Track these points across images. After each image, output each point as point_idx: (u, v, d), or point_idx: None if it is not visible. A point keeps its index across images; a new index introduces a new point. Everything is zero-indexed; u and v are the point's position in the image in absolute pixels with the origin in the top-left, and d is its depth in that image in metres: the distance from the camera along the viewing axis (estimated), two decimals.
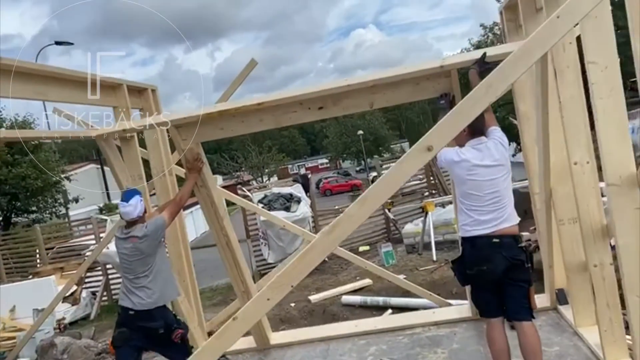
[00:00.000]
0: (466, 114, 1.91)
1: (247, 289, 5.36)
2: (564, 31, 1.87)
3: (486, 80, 1.90)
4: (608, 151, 2.99)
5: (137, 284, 3.95)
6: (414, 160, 1.96)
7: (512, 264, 3.34)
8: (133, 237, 3.93)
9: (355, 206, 2.00)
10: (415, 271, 7.77)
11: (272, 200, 9.94)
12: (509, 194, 3.46)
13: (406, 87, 3.94)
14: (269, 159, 46.06)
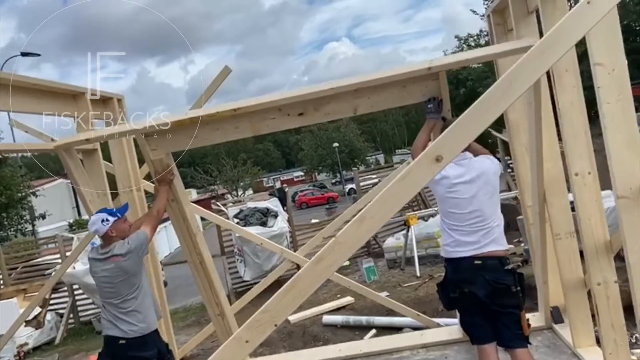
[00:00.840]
0: (481, 117, 1.61)
1: (222, 311, 4.98)
2: (596, 19, 1.60)
3: (507, 77, 1.61)
4: (617, 161, 2.75)
5: (125, 308, 3.58)
6: (421, 173, 1.65)
7: (495, 289, 3.13)
8: (114, 256, 3.56)
9: (350, 229, 1.67)
10: (399, 288, 7.45)
11: (248, 215, 9.54)
12: (495, 214, 3.27)
13: (392, 90, 3.73)
14: (244, 172, 45.37)
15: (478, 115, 1.62)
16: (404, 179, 1.67)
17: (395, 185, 1.66)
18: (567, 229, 4.00)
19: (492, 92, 1.62)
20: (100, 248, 3.68)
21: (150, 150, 3.93)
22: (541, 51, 1.58)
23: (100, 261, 3.62)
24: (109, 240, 3.63)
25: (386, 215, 1.69)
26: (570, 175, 3.43)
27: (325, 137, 56.62)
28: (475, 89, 21.74)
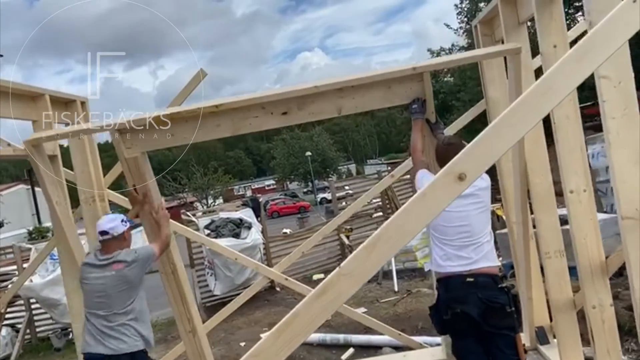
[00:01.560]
0: (513, 127, 1.39)
1: (194, 328, 4.64)
2: None
3: (543, 83, 1.39)
4: (622, 179, 2.59)
5: (114, 322, 3.33)
6: (442, 193, 1.41)
7: (489, 307, 3.03)
8: (118, 262, 3.38)
9: (357, 257, 1.42)
10: (377, 303, 7.24)
11: (220, 225, 9.17)
12: (485, 230, 3.24)
13: (377, 91, 3.66)
14: (215, 180, 44.56)
15: (508, 127, 1.40)
16: (423, 198, 1.43)
17: (413, 206, 1.42)
18: (557, 248, 3.86)
19: (524, 101, 1.40)
20: (100, 254, 3.47)
21: (125, 149, 3.70)
22: (583, 53, 1.37)
23: (97, 267, 3.41)
24: (114, 246, 3.47)
25: (402, 240, 1.44)
26: (565, 192, 3.27)
27: (298, 146, 56.44)
28: (447, 102, 21.94)
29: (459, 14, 20.10)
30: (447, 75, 23.95)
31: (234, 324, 8.14)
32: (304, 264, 10.25)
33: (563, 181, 3.26)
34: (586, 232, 3.23)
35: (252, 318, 8.27)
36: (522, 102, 1.39)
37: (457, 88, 20.85)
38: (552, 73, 1.39)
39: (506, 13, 3.84)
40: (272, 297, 9.12)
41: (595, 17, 2.48)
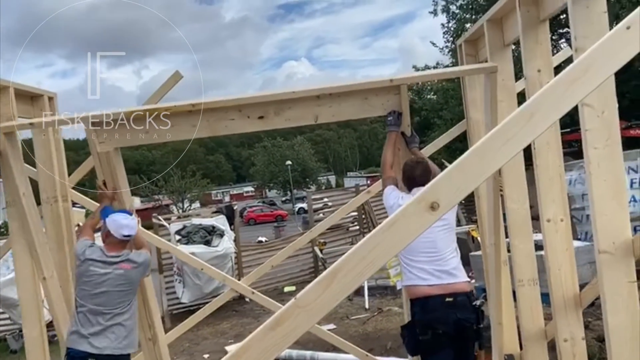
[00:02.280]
0: (492, 155, 1.27)
1: (154, 336, 4.42)
2: (634, 50, 1.30)
3: (526, 108, 1.28)
4: (600, 212, 2.50)
5: (111, 320, 3.35)
6: (412, 223, 1.29)
7: (464, 327, 3.18)
8: (128, 261, 3.45)
9: (315, 289, 1.28)
10: (346, 320, 7.09)
11: (191, 232, 8.93)
12: (449, 247, 3.35)
13: (354, 101, 3.66)
14: (192, 184, 43.91)
15: (486, 155, 1.28)
16: (390, 228, 1.30)
17: (378, 236, 1.29)
18: (531, 276, 3.78)
19: (505, 128, 1.28)
20: (107, 251, 3.49)
21: (98, 143, 3.65)
22: (572, 79, 1.26)
23: (104, 263, 3.41)
24: (124, 246, 3.52)
25: (365, 273, 1.31)
26: (541, 220, 3.19)
27: (279, 154, 56.24)
28: (429, 119, 22.08)
29: (445, 33, 20.26)
30: (431, 93, 24.14)
31: (200, 334, 7.90)
32: (275, 275, 10.06)
33: (540, 209, 3.18)
34: (561, 263, 3.16)
35: (218, 329, 8.04)
36: (503, 129, 1.28)
37: (439, 106, 20.98)
38: (536, 99, 1.28)
39: (492, 34, 3.79)
40: (240, 308, 8.90)
41: (581, 43, 2.40)
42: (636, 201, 7.42)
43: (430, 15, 20.42)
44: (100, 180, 3.79)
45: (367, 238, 1.33)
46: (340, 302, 5.27)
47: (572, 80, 1.26)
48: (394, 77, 3.49)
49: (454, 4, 19.77)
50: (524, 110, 1.27)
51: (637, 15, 1.30)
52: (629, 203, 7.32)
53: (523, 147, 1.31)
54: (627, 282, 2.51)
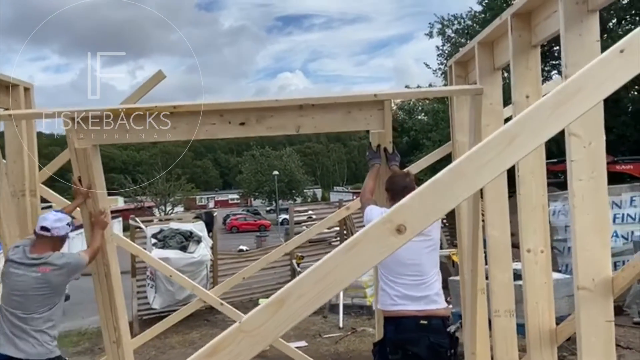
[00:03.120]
0: (468, 178, 1.16)
1: (119, 339, 4.27)
2: (628, 75, 1.20)
3: (505, 132, 1.17)
4: (582, 246, 2.41)
5: (31, 325, 3.21)
6: (375, 245, 1.17)
7: (436, 351, 3.13)
8: (47, 264, 3.27)
9: (261, 315, 1.15)
10: (319, 338, 6.91)
11: (167, 236, 8.71)
12: (434, 269, 3.31)
13: (337, 113, 3.62)
14: (176, 187, 43.42)
15: (462, 178, 1.17)
16: (351, 251, 1.18)
17: (337, 258, 1.17)
18: (507, 307, 3.67)
19: (485, 148, 1.17)
20: (29, 252, 3.34)
21: (77, 139, 3.61)
22: (558, 103, 1.16)
23: (23, 265, 3.28)
24: (48, 246, 3.36)
25: (319, 299, 1.18)
26: (521, 250, 3.09)
27: (267, 164, 56.06)
28: (418, 140, 22.15)
29: (439, 55, 20.46)
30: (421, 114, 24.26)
31: (167, 342, 7.66)
32: (250, 286, 9.85)
33: (521, 239, 3.09)
34: (539, 296, 3.05)
35: (187, 338, 7.80)
36: (482, 150, 1.17)
37: (429, 127, 21.06)
38: (519, 122, 1.18)
39: (482, 57, 3.72)
40: (212, 318, 8.67)
41: (572, 71, 2.32)
42: (618, 237, 7.40)
43: (426, 37, 20.62)
44: (76, 176, 3.71)
45: (324, 260, 1.20)
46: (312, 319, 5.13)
47: (558, 104, 1.16)
48: (378, 92, 3.49)
49: (450, 27, 19.99)
50: (506, 132, 1.17)
51: (631, 39, 1.21)
52: (612, 238, 7.30)
53: (502, 171, 1.20)
54: (605, 321, 2.41)
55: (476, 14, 19.24)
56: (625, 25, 15.18)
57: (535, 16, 3.01)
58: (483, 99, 3.76)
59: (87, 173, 3.73)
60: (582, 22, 2.45)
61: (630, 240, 7.08)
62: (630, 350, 5.56)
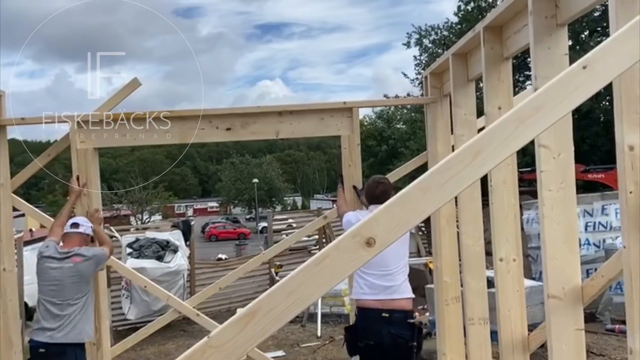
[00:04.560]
0: (435, 191, 1.18)
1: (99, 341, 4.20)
2: (590, 90, 1.23)
3: (472, 145, 1.19)
4: (552, 256, 2.45)
5: (65, 311, 3.61)
6: (345, 259, 1.17)
7: (396, 341, 3.36)
8: (77, 255, 3.69)
9: (230, 329, 1.14)
10: (297, 347, 6.87)
11: (143, 245, 8.59)
12: (400, 262, 3.55)
13: (311, 120, 4.09)
14: (154, 196, 42.76)
15: (431, 190, 1.18)
16: (321, 264, 1.18)
17: (307, 271, 1.17)
18: (481, 315, 3.72)
19: (451, 163, 1.19)
20: (60, 248, 3.76)
21: (80, 142, 4.02)
22: (523, 117, 1.18)
23: (56, 259, 3.68)
24: (76, 242, 3.75)
25: (290, 311, 1.17)
26: (494, 259, 3.14)
27: (247, 172, 55.79)
28: (396, 148, 22.36)
29: (417, 65, 20.72)
30: (400, 123, 24.49)
31: (143, 353, 7.53)
32: (229, 295, 9.75)
33: (493, 248, 3.13)
34: (511, 304, 3.10)
35: (163, 349, 7.68)
36: (448, 165, 1.18)
37: (407, 136, 21.28)
38: (484, 136, 1.20)
39: (456, 68, 3.79)
40: (189, 328, 8.55)
41: (542, 83, 2.36)
42: (590, 244, 7.54)
43: (404, 47, 20.86)
44: (75, 176, 4.03)
45: (294, 274, 1.20)
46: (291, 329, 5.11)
47: (522, 119, 1.18)
48: (347, 100, 4.09)
49: (427, 38, 20.26)
50: (471, 147, 1.19)
51: (594, 55, 1.25)
52: (584, 246, 7.44)
53: (468, 185, 1.22)
54: (575, 329, 2.46)
55: (452, 25, 19.57)
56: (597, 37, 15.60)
57: (507, 29, 3.08)
58: (458, 110, 3.82)
59: (85, 173, 4.04)
60: (551, 36, 2.51)
61: (602, 248, 7.23)
62: (602, 357, 5.66)
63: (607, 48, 1.25)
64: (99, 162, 4.37)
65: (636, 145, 1.88)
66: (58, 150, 4.41)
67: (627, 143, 1.87)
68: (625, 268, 1.91)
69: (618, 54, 1.24)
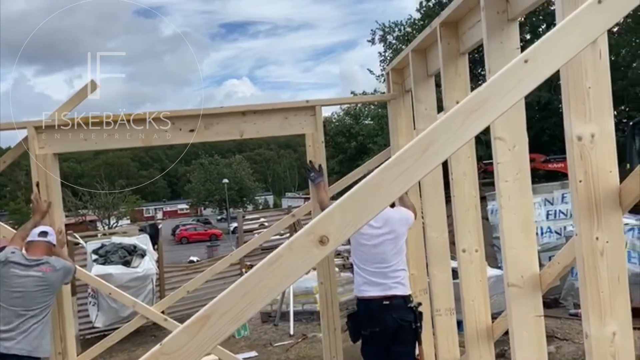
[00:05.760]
0: (386, 186, 1.19)
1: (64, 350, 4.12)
2: (532, 84, 1.26)
3: (421, 140, 1.21)
4: (510, 245, 2.51)
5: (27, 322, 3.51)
6: (299, 258, 1.17)
7: (400, 325, 3.50)
8: (47, 265, 3.61)
9: (183, 334, 1.13)
10: (269, 347, 6.85)
11: (109, 251, 8.39)
12: (397, 258, 3.62)
13: (275, 119, 4.10)
14: (120, 199, 41.80)
15: (381, 187, 1.19)
16: (274, 264, 1.18)
17: (260, 272, 1.16)
18: (447, 305, 3.79)
19: (401, 158, 1.20)
20: (27, 255, 3.66)
21: (38, 148, 3.94)
22: (469, 111, 1.21)
23: (23, 266, 3.59)
24: (42, 252, 3.68)
25: (244, 314, 1.16)
26: (457, 250, 3.20)
27: (216, 172, 55.19)
28: (365, 144, 22.52)
29: (382, 62, 20.86)
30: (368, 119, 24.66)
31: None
32: (199, 298, 9.62)
33: (456, 239, 3.19)
34: (475, 294, 3.17)
35: (133, 355, 7.53)
36: (398, 160, 1.19)
37: (375, 132, 21.44)
38: (433, 131, 1.21)
39: (416, 64, 3.84)
40: (160, 333, 8.39)
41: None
42: (552, 232, 7.75)
43: (369, 43, 20.99)
44: (35, 182, 3.94)
45: (248, 275, 1.19)
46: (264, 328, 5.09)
47: (469, 112, 1.21)
48: (310, 99, 4.15)
49: (391, 34, 20.44)
50: (420, 142, 1.20)
51: (535, 49, 1.28)
52: (546, 234, 7.65)
53: (418, 180, 1.24)
54: (534, 316, 2.53)
55: (415, 21, 19.79)
56: None
57: (462, 25, 3.13)
58: (419, 105, 3.88)
59: (45, 180, 3.94)
60: (503, 31, 2.57)
61: (563, 236, 7.45)
62: (566, 341, 5.83)
63: (548, 42, 1.29)
64: (63, 166, 4.29)
65: (584, 136, 1.94)
66: (14, 156, 4.28)
67: (576, 134, 1.93)
68: (578, 255, 1.97)
69: (558, 47, 1.28)
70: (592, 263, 1.93)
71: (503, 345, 5.12)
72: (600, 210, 1.93)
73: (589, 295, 1.94)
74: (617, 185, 1.95)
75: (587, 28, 1.30)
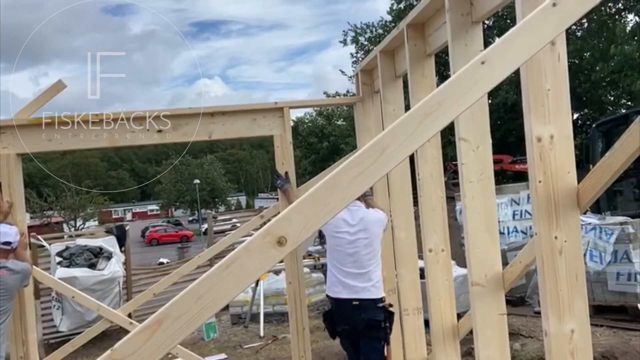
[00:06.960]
0: (343, 187, 1.18)
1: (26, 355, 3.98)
2: (488, 85, 1.27)
3: (378, 141, 1.20)
4: (474, 244, 2.55)
5: None
6: (257, 259, 1.14)
7: (369, 324, 3.57)
8: (5, 268, 3.55)
9: (136, 339, 1.10)
10: (239, 349, 6.78)
11: (74, 254, 8.17)
12: (372, 260, 3.63)
13: (244, 121, 4.10)
14: (87, 201, 40.78)
15: (339, 188, 1.18)
16: (231, 266, 1.15)
17: (217, 274, 1.14)
18: (415, 305, 3.82)
19: (358, 159, 1.19)
20: None
21: (1, 148, 3.82)
22: (426, 113, 1.21)
23: None
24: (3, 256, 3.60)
25: (200, 316, 1.14)
26: (424, 250, 3.22)
27: (187, 173, 54.50)
28: (338, 145, 22.60)
29: (354, 63, 20.97)
30: (340, 119, 24.74)
31: None
32: (167, 301, 9.47)
33: (423, 239, 3.22)
34: (441, 294, 3.20)
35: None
36: (355, 162, 1.18)
37: (347, 132, 21.53)
38: (389, 133, 1.21)
39: (384, 65, 3.85)
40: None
41: None
42: (518, 232, 7.90)
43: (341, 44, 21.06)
44: None
45: (203, 278, 1.16)
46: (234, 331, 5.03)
47: (425, 114, 1.21)
48: (278, 101, 4.16)
49: (362, 35, 20.56)
50: (378, 143, 1.20)
51: (491, 51, 1.29)
52: (512, 233, 7.79)
53: (376, 181, 1.24)
54: (498, 314, 2.56)
55: (386, 23, 19.96)
56: None
57: (428, 27, 3.16)
58: (387, 106, 3.89)
59: (7, 180, 3.82)
60: (467, 33, 2.60)
61: (529, 235, 7.61)
62: (531, 339, 5.95)
63: (504, 44, 1.30)
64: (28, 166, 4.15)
65: (544, 137, 1.98)
66: None
67: (535, 135, 1.96)
68: (538, 254, 2.00)
69: (514, 49, 1.29)
70: (551, 262, 1.96)
71: (470, 343, 5.20)
72: (559, 210, 1.96)
73: (548, 294, 1.98)
74: (575, 185, 1.99)
75: (542, 30, 1.32)
